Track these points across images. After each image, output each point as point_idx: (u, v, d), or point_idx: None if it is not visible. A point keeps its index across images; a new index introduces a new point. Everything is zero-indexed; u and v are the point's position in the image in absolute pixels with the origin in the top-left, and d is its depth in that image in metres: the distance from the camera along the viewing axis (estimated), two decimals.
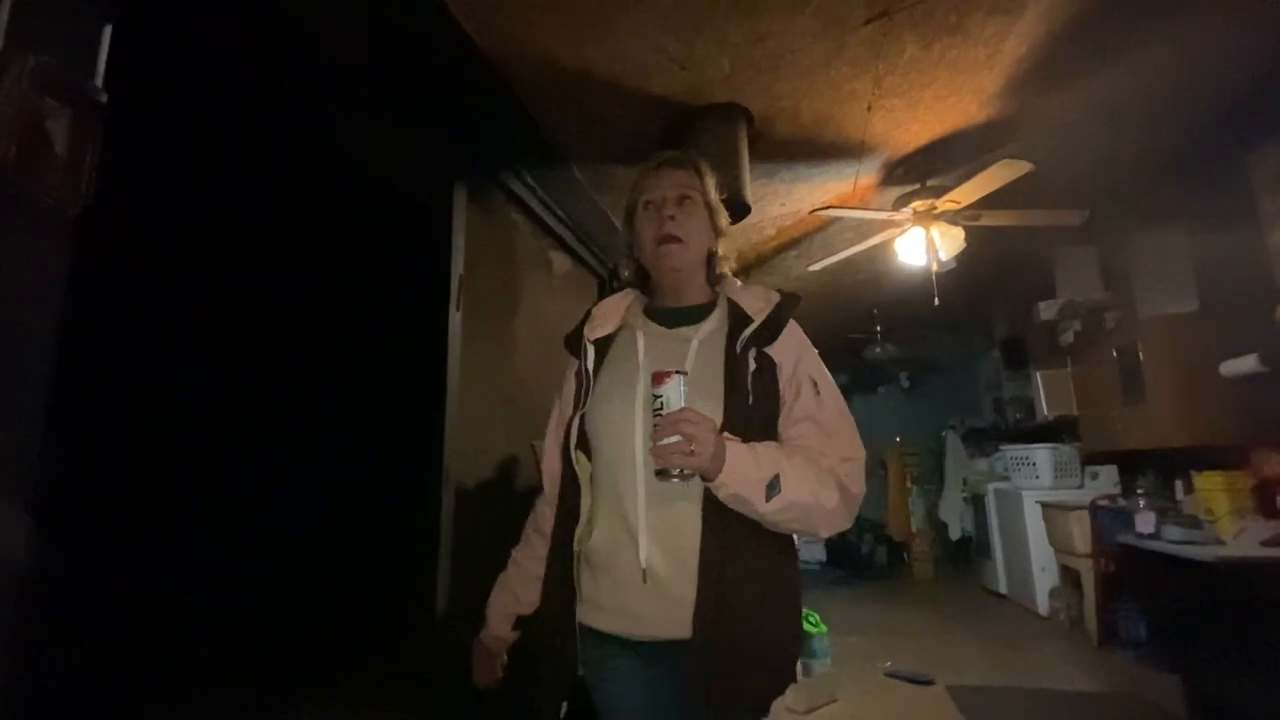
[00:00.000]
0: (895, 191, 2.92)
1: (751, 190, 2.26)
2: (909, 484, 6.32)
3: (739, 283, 1.13)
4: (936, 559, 6.09)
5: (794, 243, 3.54)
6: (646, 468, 0.94)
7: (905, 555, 6.28)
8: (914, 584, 5.89)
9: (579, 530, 1.00)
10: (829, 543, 6.08)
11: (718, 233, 1.12)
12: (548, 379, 2.33)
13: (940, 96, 2.28)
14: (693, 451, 0.87)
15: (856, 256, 3.25)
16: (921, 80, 2.15)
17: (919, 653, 3.66)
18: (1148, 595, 3.36)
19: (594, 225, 2.66)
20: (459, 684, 1.41)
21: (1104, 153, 3.00)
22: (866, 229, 3.10)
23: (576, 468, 1.02)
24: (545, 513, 1.12)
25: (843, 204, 2.90)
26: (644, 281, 1.16)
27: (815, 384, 1.03)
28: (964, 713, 2.77)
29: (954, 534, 5.94)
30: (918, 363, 6.70)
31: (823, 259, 3.32)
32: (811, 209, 2.86)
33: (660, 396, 0.89)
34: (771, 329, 1.03)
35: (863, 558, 6.37)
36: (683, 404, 0.89)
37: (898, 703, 2.97)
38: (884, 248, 3.12)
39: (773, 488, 0.91)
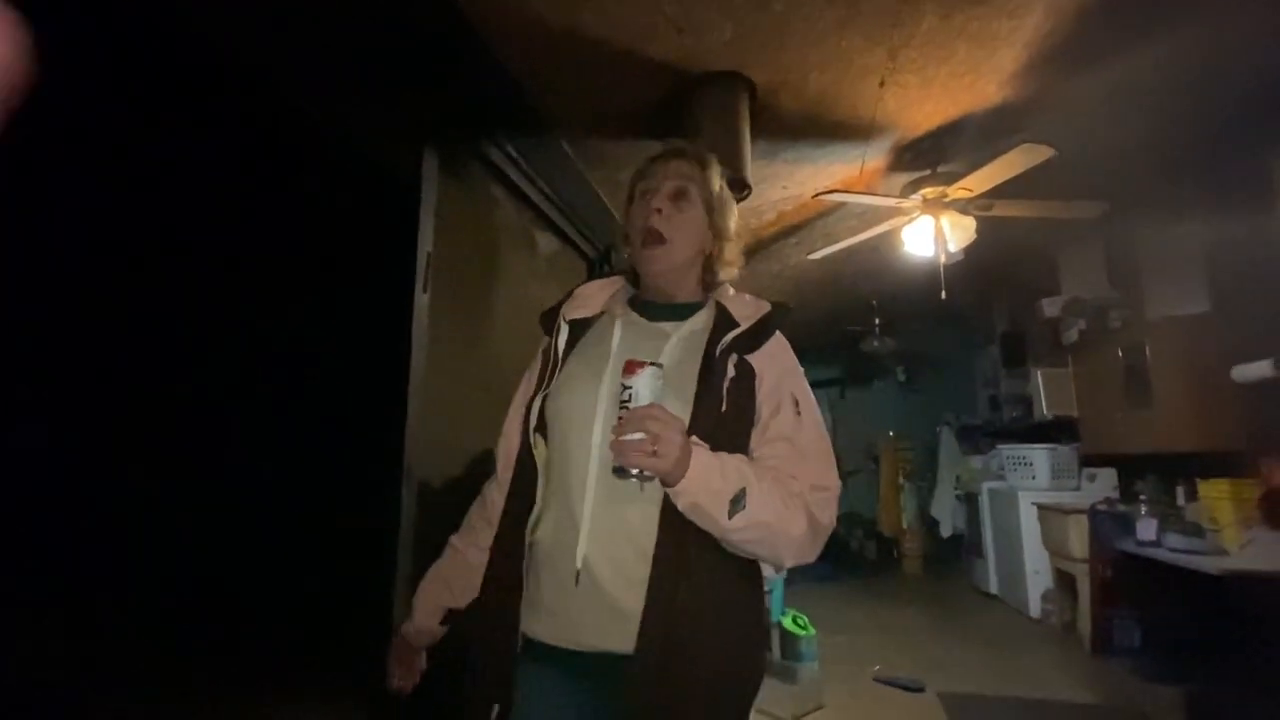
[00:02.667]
0: (903, 177, 2.77)
1: (752, 170, 2.10)
2: (901, 480, 6.24)
3: (732, 290, 1.06)
4: (926, 556, 6.03)
5: (794, 229, 3.38)
6: (600, 463, 0.89)
7: (895, 551, 6.21)
8: (903, 581, 5.82)
9: (531, 519, 0.94)
10: None
11: (718, 234, 1.03)
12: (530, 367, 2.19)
13: (957, 74, 2.12)
14: (655, 452, 0.79)
15: (859, 245, 3.10)
16: (939, 55, 1.99)
17: (909, 654, 3.57)
18: (1146, 604, 3.28)
19: (583, 203, 2.50)
20: (414, 698, 1.28)
21: (1119, 144, 2.85)
22: (871, 216, 2.95)
23: (534, 452, 0.96)
24: (495, 500, 1.03)
25: (848, 188, 2.74)
26: (634, 271, 1.08)
27: (797, 403, 0.95)
28: None
29: (945, 531, 5.86)
30: (915, 356, 6.58)
31: (824, 247, 3.16)
32: (815, 193, 2.71)
33: (629, 388, 0.82)
34: (756, 337, 0.96)
35: (852, 553, 6.30)
36: (652, 399, 0.82)
37: (887, 710, 2.88)
38: (889, 237, 2.97)
39: (737, 503, 0.84)
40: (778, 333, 0.99)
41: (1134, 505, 3.39)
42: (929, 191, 2.59)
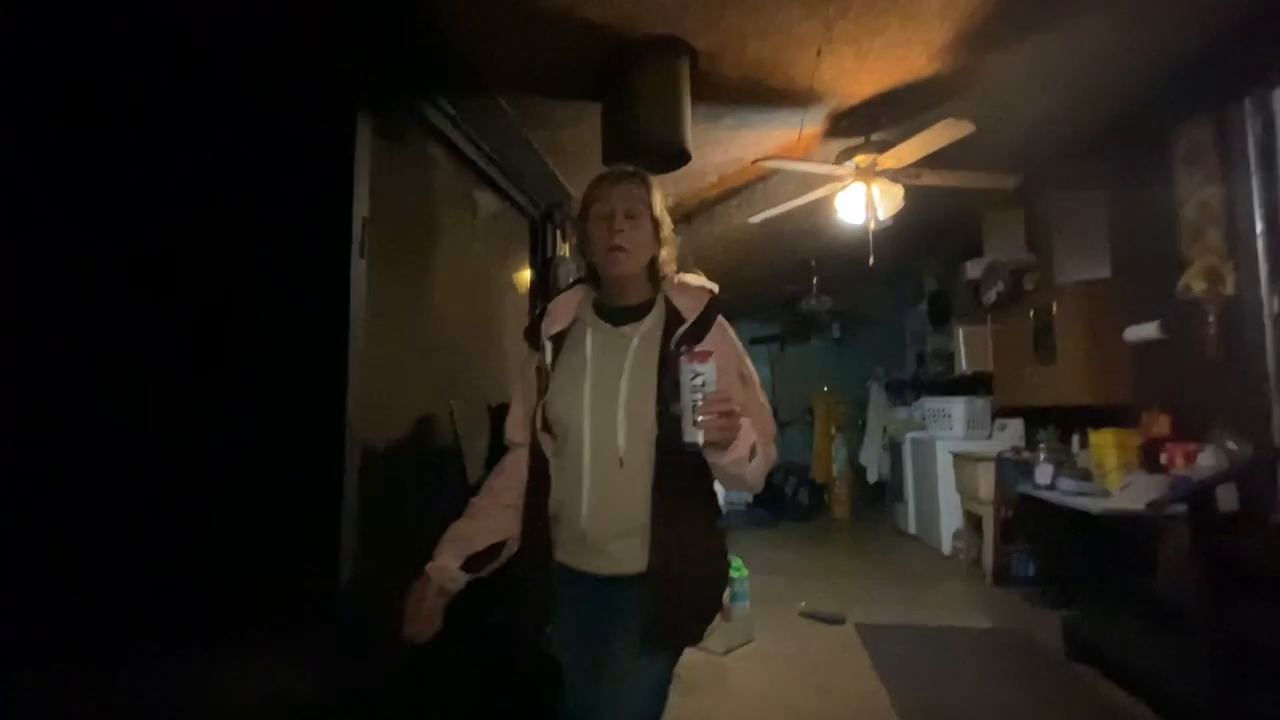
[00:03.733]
0: (839, 144, 2.85)
1: (693, 135, 2.13)
2: (834, 430, 6.58)
3: (677, 279, 1.30)
4: (854, 501, 6.44)
5: (735, 191, 3.44)
6: (592, 446, 1.18)
7: (826, 497, 6.60)
8: (832, 524, 6.23)
9: (551, 494, 1.24)
10: None
11: (660, 242, 1.28)
12: (474, 327, 2.20)
13: (890, 46, 2.18)
14: (727, 427, 1.05)
15: (797, 208, 3.19)
16: (874, 27, 2.05)
17: (834, 591, 3.88)
18: (1039, 540, 3.65)
19: (524, 162, 2.47)
20: (364, 663, 1.35)
21: (1038, 119, 3.02)
22: (808, 182, 3.03)
23: (544, 447, 1.24)
24: (513, 473, 1.30)
25: (786, 155, 2.81)
26: (594, 277, 1.33)
27: (743, 376, 1.23)
28: (869, 649, 2.97)
29: (871, 478, 6.27)
30: (849, 314, 6.85)
31: (764, 209, 3.24)
32: (755, 159, 2.76)
33: (701, 374, 1.03)
34: (700, 327, 1.21)
35: (786, 499, 6.65)
36: (716, 385, 1.04)
37: (810, 641, 3.15)
38: (824, 202, 3.07)
39: (754, 453, 1.15)
40: (719, 318, 1.24)
41: (1035, 453, 3.73)
42: (861, 159, 2.68)
